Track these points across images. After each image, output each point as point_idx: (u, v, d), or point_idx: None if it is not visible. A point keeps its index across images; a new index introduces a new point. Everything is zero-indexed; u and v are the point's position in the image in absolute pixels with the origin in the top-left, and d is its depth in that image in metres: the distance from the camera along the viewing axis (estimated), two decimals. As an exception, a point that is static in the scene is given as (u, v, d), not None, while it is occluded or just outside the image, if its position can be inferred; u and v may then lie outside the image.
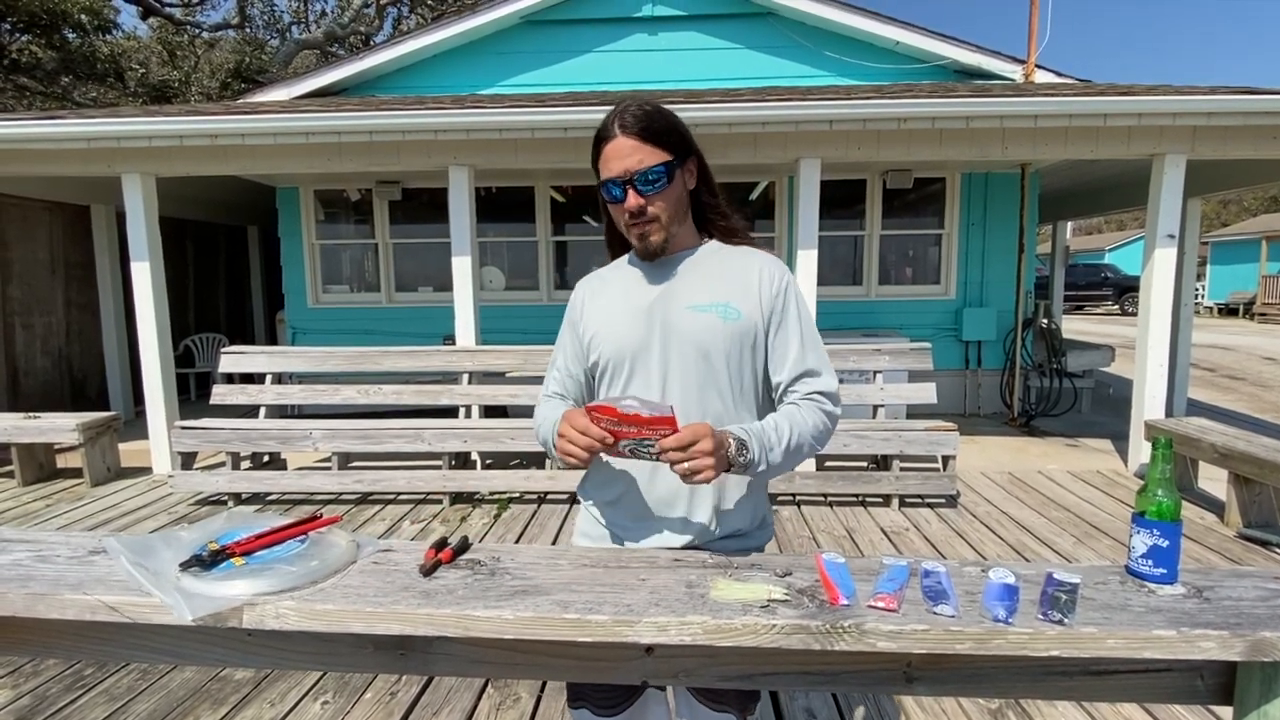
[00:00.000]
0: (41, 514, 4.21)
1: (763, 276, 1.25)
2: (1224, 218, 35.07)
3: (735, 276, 1.25)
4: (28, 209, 6.34)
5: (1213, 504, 4.08)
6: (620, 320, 1.26)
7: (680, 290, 1.25)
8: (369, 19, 17.51)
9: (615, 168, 1.17)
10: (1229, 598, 1.04)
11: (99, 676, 2.40)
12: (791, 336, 1.25)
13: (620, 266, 1.35)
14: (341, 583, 1.10)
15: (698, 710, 1.31)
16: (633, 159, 1.16)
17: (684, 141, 1.22)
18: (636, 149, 1.16)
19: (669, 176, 1.18)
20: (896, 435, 4.14)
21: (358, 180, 6.85)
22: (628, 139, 1.16)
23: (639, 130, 1.16)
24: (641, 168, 1.16)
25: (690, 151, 1.23)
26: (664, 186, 1.18)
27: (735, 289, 1.24)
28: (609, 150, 1.18)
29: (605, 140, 1.19)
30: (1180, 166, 4.58)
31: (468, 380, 4.70)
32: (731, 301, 1.22)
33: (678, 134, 1.21)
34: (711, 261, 1.28)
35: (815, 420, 1.22)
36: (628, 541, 1.30)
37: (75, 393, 6.90)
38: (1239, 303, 21.55)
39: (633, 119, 1.17)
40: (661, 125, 1.18)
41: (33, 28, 12.02)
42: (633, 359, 1.25)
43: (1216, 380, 9.33)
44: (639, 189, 1.18)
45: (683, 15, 6.68)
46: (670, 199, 1.21)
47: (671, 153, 1.19)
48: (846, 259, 7.05)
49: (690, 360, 1.21)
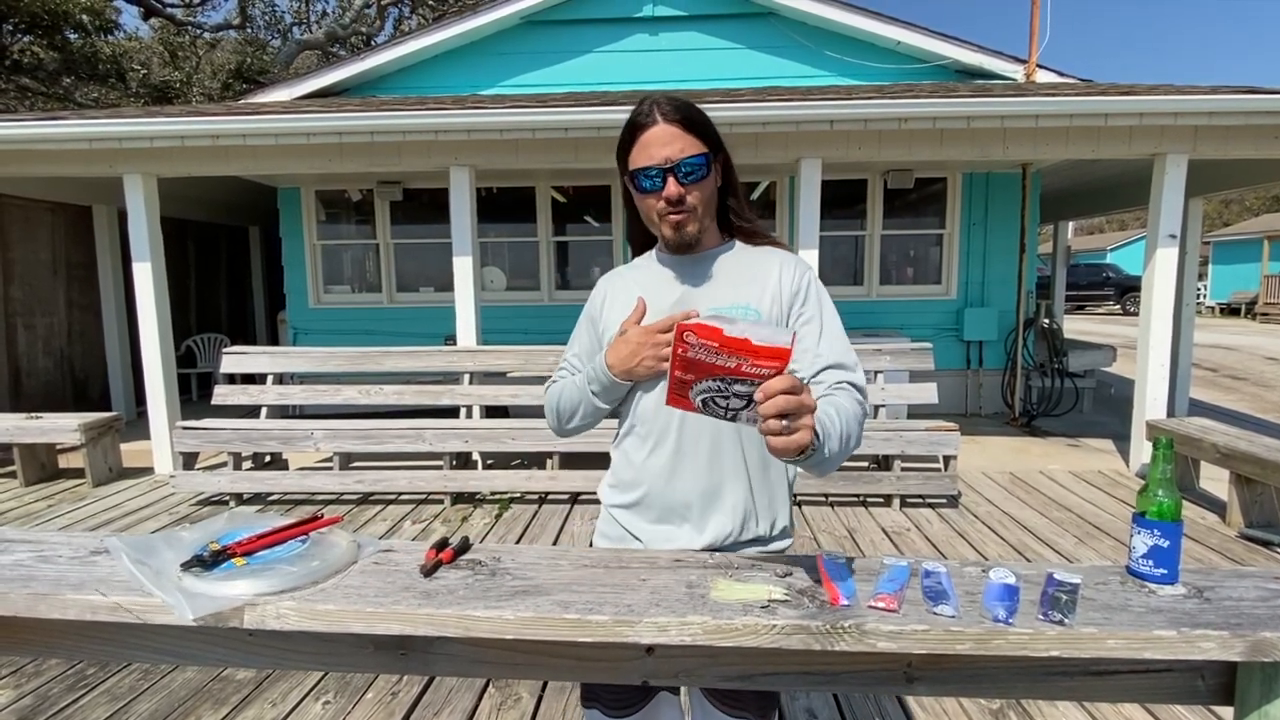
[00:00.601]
0: (43, 514, 4.22)
1: (783, 274, 1.23)
2: (1226, 217, 35.03)
3: (756, 277, 1.23)
4: (30, 209, 6.36)
5: (1214, 504, 4.08)
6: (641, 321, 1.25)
7: (703, 292, 1.22)
8: (370, 19, 17.54)
9: (656, 154, 1.15)
10: (1230, 598, 1.04)
11: (101, 676, 2.40)
12: (814, 330, 1.21)
13: (643, 265, 1.32)
14: (342, 583, 1.10)
15: (712, 714, 1.27)
16: (674, 146, 1.14)
17: (715, 137, 1.21)
18: (679, 137, 1.15)
19: (708, 168, 1.18)
20: (898, 435, 4.14)
21: (359, 181, 6.86)
22: (670, 126, 1.15)
23: (681, 119, 1.15)
24: (683, 156, 1.15)
25: (721, 148, 1.22)
26: (703, 176, 1.17)
27: (755, 290, 1.21)
28: (648, 137, 1.16)
29: (643, 127, 1.16)
30: (1182, 166, 4.57)
31: (469, 380, 4.71)
32: (751, 303, 1.20)
33: (713, 129, 1.20)
34: (734, 263, 1.26)
35: (854, 409, 1.10)
36: (646, 545, 1.28)
37: (77, 393, 6.91)
38: (1241, 302, 21.52)
39: (673, 108, 1.16)
40: (700, 117, 1.18)
41: (34, 28, 12.04)
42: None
43: (1218, 380, 9.31)
44: (680, 177, 1.15)
45: (684, 15, 6.68)
46: (706, 191, 1.20)
47: (709, 146, 1.18)
48: (848, 259, 7.05)
49: None
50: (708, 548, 1.23)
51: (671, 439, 1.21)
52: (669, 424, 1.21)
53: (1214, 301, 22.90)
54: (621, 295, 1.29)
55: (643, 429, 1.24)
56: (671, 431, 1.21)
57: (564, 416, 1.29)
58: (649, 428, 1.23)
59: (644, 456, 1.25)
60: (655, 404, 1.21)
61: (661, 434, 1.22)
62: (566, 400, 1.27)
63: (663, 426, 1.22)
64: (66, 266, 6.75)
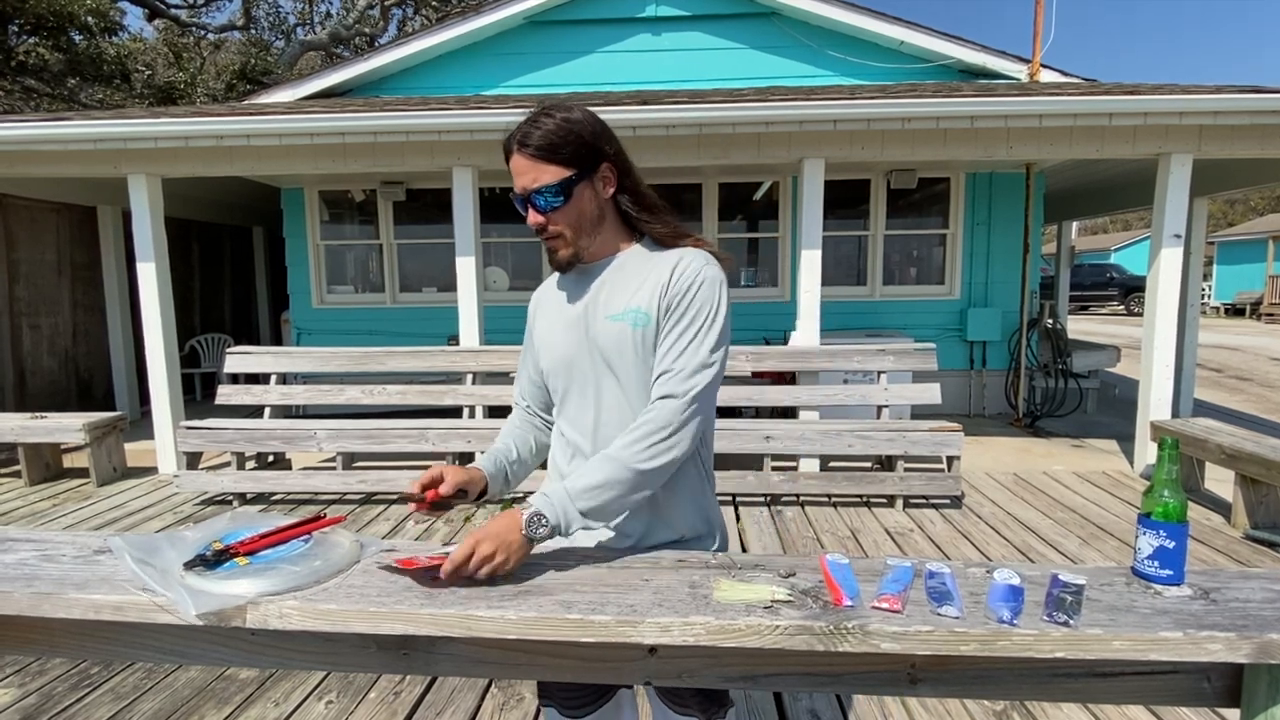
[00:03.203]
0: (48, 513, 4.23)
1: (674, 273, 1.17)
2: (1230, 217, 34.92)
3: (650, 278, 1.20)
4: (35, 210, 6.38)
5: (1219, 505, 4.06)
6: (556, 332, 1.27)
7: (602, 299, 1.22)
8: (374, 20, 17.57)
9: (517, 183, 1.16)
10: (1236, 599, 1.03)
11: (105, 675, 2.41)
12: (669, 334, 1.16)
13: (555, 279, 1.34)
14: (345, 582, 1.10)
15: (665, 713, 1.31)
16: (527, 177, 1.14)
17: (590, 152, 1.15)
18: (531, 167, 1.13)
19: (567, 195, 1.15)
20: (901, 436, 4.13)
21: (362, 181, 6.87)
22: (522, 157, 1.14)
23: (535, 148, 1.13)
24: (535, 186, 1.14)
25: (600, 160, 1.17)
26: (563, 204, 1.15)
27: (644, 292, 1.19)
28: (511, 166, 1.16)
29: (507, 155, 1.17)
30: (1186, 166, 4.55)
31: (472, 380, 4.71)
32: (640, 306, 1.18)
33: (581, 145, 1.14)
34: (632, 266, 1.23)
35: (643, 432, 1.13)
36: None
37: (81, 393, 6.94)
38: (1245, 303, 21.44)
39: (526, 135, 1.13)
40: (560, 139, 1.13)
41: (39, 30, 12.09)
42: (568, 371, 1.25)
43: (1223, 381, 9.28)
44: (538, 207, 1.16)
45: (686, 15, 6.68)
46: (571, 215, 1.17)
47: (573, 167, 1.14)
48: (851, 259, 7.04)
49: (612, 373, 1.21)
50: (628, 550, 1.26)
51: (587, 449, 1.25)
52: (583, 436, 1.26)
53: (1218, 302, 22.82)
54: (545, 307, 1.34)
55: (564, 441, 1.31)
56: (587, 445, 1.25)
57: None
58: (568, 439, 1.29)
59: (565, 467, 1.30)
60: (574, 415, 1.27)
61: (579, 446, 1.27)
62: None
63: (579, 438, 1.27)
64: (71, 267, 6.77)
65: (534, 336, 1.35)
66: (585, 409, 1.24)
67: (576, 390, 1.25)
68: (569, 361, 1.25)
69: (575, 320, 1.24)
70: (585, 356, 1.23)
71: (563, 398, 1.29)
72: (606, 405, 1.22)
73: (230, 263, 9.10)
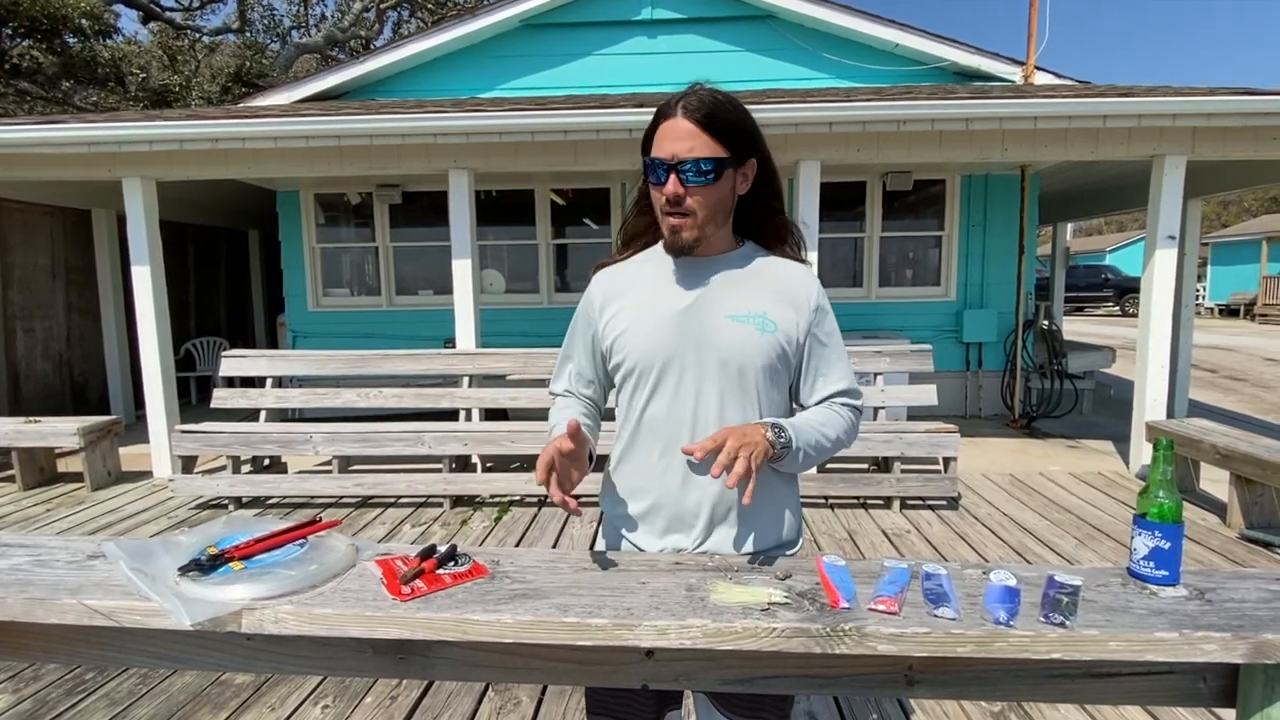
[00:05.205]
0: (41, 518, 4.21)
1: (803, 290, 1.22)
2: (1224, 219, 35.07)
3: (772, 286, 1.20)
4: (29, 213, 6.35)
5: (1214, 505, 4.07)
6: (650, 324, 1.19)
7: (717, 298, 1.19)
8: (369, 23, 17.57)
9: (666, 148, 1.10)
10: (1231, 600, 1.04)
11: (99, 681, 2.39)
12: (833, 357, 1.25)
13: (645, 262, 1.26)
14: (340, 587, 1.10)
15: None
16: (684, 144, 1.09)
17: (748, 141, 1.14)
18: (693, 135, 1.09)
19: (718, 174, 1.11)
20: (897, 437, 4.13)
21: (358, 184, 6.86)
22: (686, 122, 1.09)
23: (701, 117, 1.09)
24: (691, 156, 1.09)
25: (752, 153, 1.16)
26: (709, 182, 1.11)
27: (770, 299, 1.19)
28: (665, 128, 1.11)
29: (664, 117, 1.12)
30: (1180, 167, 4.58)
31: (468, 383, 4.70)
32: (768, 313, 1.18)
33: (744, 132, 1.13)
34: (750, 269, 1.22)
35: (841, 422, 1.23)
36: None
37: (76, 397, 6.90)
38: (1240, 304, 21.56)
39: (698, 103, 1.10)
40: (727, 118, 1.11)
41: (34, 33, 12.04)
42: (662, 367, 1.19)
43: (1218, 381, 9.32)
44: (683, 177, 1.10)
45: (682, 18, 6.69)
46: (712, 198, 1.13)
47: (730, 150, 1.11)
48: (847, 261, 7.05)
49: (725, 372, 1.17)
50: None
51: (685, 438, 1.18)
52: (679, 430, 1.19)
53: (1213, 302, 22.92)
54: (626, 297, 1.24)
55: (652, 435, 1.22)
56: (684, 439, 1.18)
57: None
58: (658, 433, 1.21)
59: (654, 461, 1.22)
60: (667, 408, 1.20)
61: (672, 440, 1.19)
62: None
63: (672, 432, 1.19)
64: (65, 270, 6.74)
65: (606, 327, 1.25)
66: (683, 402, 1.18)
67: (669, 389, 1.19)
68: (667, 353, 1.18)
69: (677, 315, 1.18)
70: (691, 350, 1.18)
71: (652, 388, 1.20)
72: (707, 400, 1.18)
73: (225, 266, 9.07)
